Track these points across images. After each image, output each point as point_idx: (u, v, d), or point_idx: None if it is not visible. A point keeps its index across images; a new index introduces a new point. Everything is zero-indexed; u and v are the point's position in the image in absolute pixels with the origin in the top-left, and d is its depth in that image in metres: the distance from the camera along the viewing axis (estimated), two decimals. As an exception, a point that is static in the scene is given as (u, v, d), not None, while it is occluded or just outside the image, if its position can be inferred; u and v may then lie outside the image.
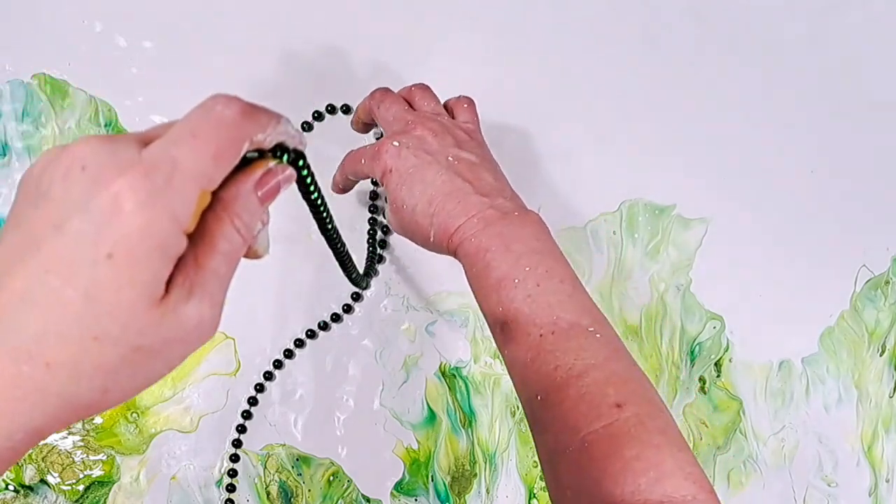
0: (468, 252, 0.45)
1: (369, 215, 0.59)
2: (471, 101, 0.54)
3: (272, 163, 0.29)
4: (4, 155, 0.57)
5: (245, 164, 0.28)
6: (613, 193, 0.61)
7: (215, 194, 0.27)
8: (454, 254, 0.46)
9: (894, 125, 0.64)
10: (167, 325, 0.25)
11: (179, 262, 0.26)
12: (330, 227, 0.39)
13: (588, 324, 0.42)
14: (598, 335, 0.42)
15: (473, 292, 0.46)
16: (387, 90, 0.53)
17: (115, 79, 0.58)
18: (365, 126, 0.56)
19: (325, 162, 0.59)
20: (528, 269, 0.43)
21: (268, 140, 0.28)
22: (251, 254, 0.31)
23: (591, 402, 0.39)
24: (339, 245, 0.43)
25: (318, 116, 0.59)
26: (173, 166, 0.24)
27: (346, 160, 0.53)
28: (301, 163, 0.30)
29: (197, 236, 0.27)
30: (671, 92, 0.62)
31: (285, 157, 0.29)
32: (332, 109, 0.59)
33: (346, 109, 0.59)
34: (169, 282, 0.26)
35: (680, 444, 0.39)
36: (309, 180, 0.33)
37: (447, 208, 0.45)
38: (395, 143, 0.47)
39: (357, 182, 0.54)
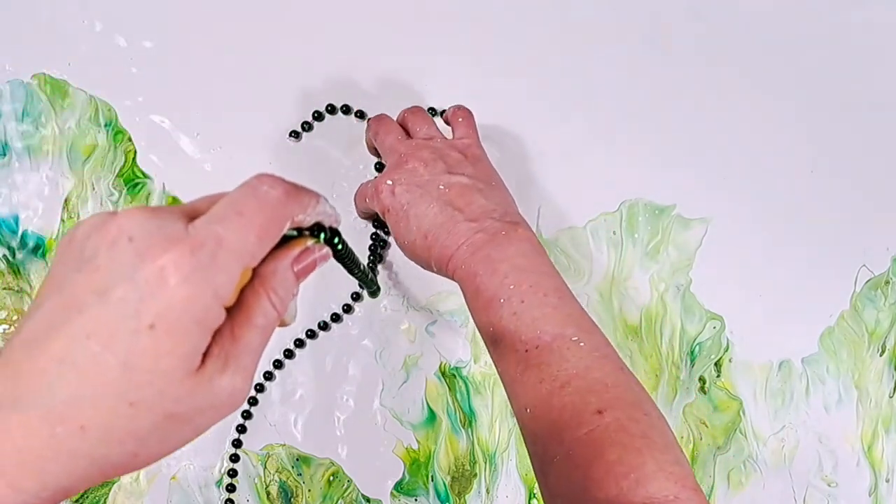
0: (462, 279, 0.47)
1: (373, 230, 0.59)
2: (467, 114, 0.54)
3: (310, 242, 0.29)
4: (4, 155, 0.57)
5: (283, 240, 0.28)
6: (613, 193, 0.61)
7: (255, 269, 0.28)
8: (454, 280, 0.48)
9: (894, 125, 0.64)
10: (201, 395, 0.26)
11: (216, 334, 0.26)
12: (359, 275, 0.41)
13: (572, 333, 0.43)
14: (581, 344, 0.42)
15: (471, 315, 0.47)
16: (380, 119, 0.54)
17: (115, 79, 0.58)
18: (377, 151, 0.57)
19: (325, 162, 0.59)
20: (512, 287, 0.44)
21: (307, 220, 0.29)
22: (279, 323, 0.31)
23: (573, 411, 0.40)
24: (366, 278, 0.44)
25: (318, 116, 0.59)
26: (218, 244, 0.25)
27: (356, 198, 0.56)
28: (336, 240, 0.31)
29: (235, 309, 0.27)
30: (671, 92, 0.62)
31: (322, 236, 0.30)
32: (331, 109, 0.59)
33: (346, 110, 0.59)
34: (205, 353, 0.26)
35: (664, 445, 0.39)
36: (344, 253, 0.33)
37: (440, 240, 0.47)
38: (389, 182, 0.49)
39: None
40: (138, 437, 0.25)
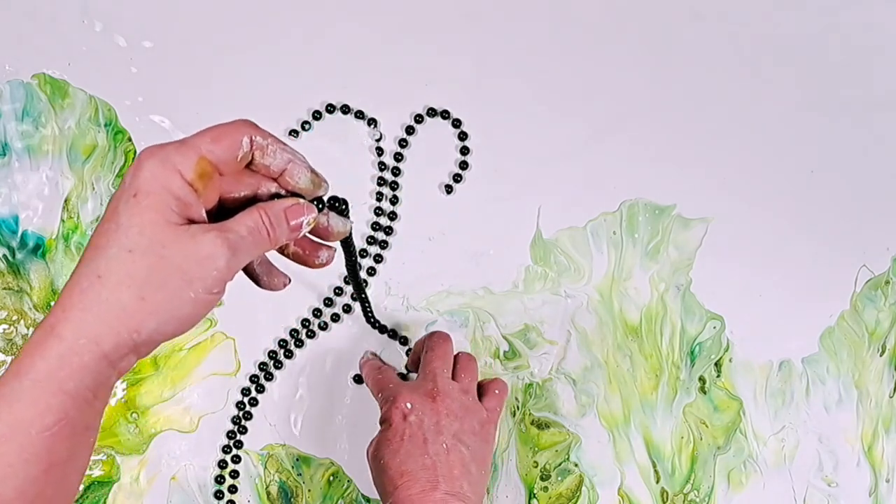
0: None
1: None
2: (503, 388, 0.56)
3: (302, 201, 0.38)
4: (4, 155, 0.57)
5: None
6: (613, 193, 0.61)
7: (257, 197, 0.38)
8: None
9: (894, 125, 0.64)
10: (185, 243, 0.34)
11: (210, 217, 0.36)
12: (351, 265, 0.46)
13: None
14: None
15: None
16: (446, 341, 0.55)
17: (115, 79, 0.58)
18: (414, 364, 0.57)
19: (322, 162, 0.59)
20: None
21: (274, 163, 0.38)
22: (330, 236, 0.40)
23: None
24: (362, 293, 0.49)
25: (317, 116, 0.59)
26: (182, 142, 0.35)
27: (369, 375, 0.56)
28: (321, 207, 0.39)
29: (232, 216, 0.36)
30: (671, 91, 0.62)
31: (316, 203, 0.39)
32: (331, 109, 0.59)
33: (346, 109, 0.59)
34: (193, 221, 0.35)
35: None
36: (332, 206, 0.40)
37: (409, 488, 0.47)
38: (408, 405, 0.51)
39: None
40: (139, 279, 0.33)
